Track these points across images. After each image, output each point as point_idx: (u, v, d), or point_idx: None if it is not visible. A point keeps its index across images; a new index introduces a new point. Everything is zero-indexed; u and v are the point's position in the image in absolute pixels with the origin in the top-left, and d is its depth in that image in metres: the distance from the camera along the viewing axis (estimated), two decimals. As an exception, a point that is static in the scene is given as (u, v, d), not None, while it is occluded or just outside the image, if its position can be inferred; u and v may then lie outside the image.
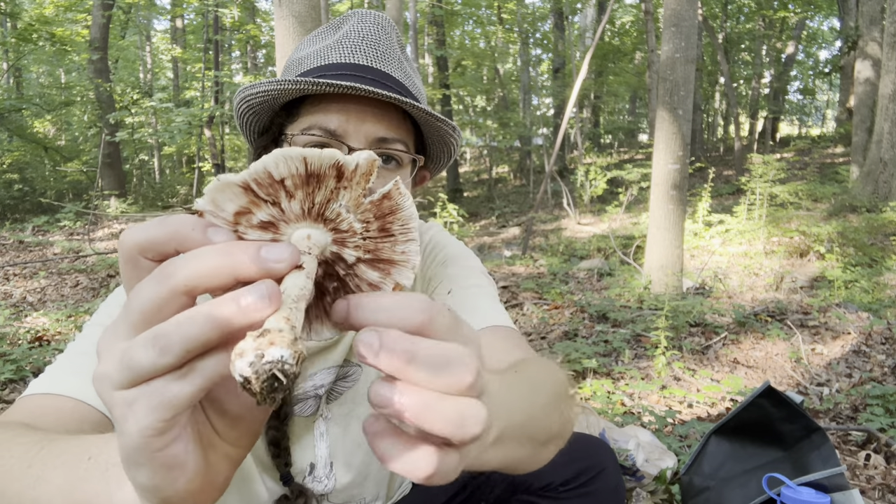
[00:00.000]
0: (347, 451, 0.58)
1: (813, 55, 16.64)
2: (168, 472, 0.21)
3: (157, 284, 0.21)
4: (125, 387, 0.20)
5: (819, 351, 2.23)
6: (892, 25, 5.59)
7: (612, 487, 0.62)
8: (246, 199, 0.22)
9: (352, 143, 0.46)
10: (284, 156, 0.21)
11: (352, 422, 0.59)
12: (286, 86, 0.43)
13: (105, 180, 8.08)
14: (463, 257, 0.60)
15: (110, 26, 8.64)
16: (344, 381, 0.58)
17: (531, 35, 12.50)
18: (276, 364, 0.19)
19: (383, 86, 0.46)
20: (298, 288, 0.22)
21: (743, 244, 4.94)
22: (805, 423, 1.08)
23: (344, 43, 0.47)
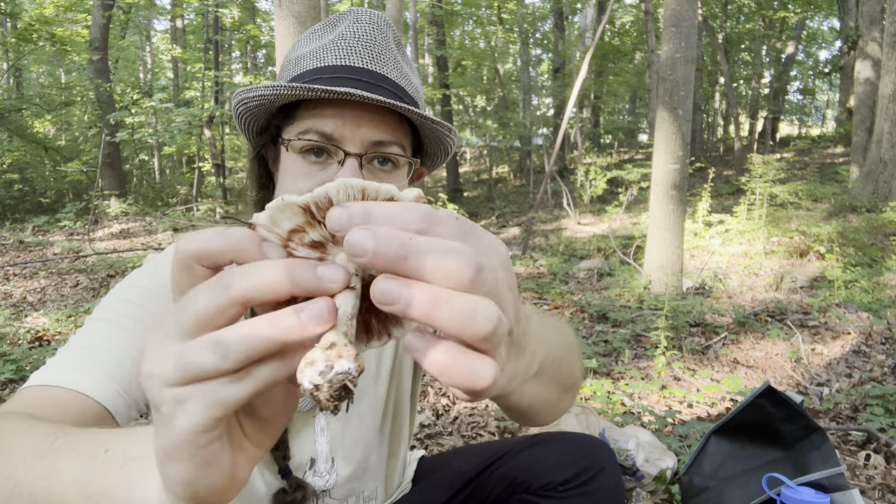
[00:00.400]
0: (347, 445, 0.58)
1: (813, 55, 16.64)
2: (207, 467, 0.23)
3: (215, 294, 0.22)
4: (178, 384, 0.22)
5: (819, 351, 2.23)
6: (892, 25, 5.59)
7: (612, 487, 0.62)
8: (303, 219, 0.24)
9: (347, 148, 0.46)
10: (346, 185, 0.23)
11: (352, 417, 0.59)
12: (282, 91, 0.44)
13: (105, 180, 8.08)
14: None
15: (110, 26, 8.64)
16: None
17: (531, 35, 12.50)
18: (346, 375, 0.21)
19: (379, 88, 0.46)
20: (351, 306, 0.23)
21: (743, 244, 4.94)
22: (805, 423, 1.08)
23: (339, 44, 0.47)
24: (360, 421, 0.59)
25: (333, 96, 0.43)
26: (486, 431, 1.52)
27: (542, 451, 0.64)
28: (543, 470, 0.62)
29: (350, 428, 0.59)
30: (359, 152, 0.46)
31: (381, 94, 0.46)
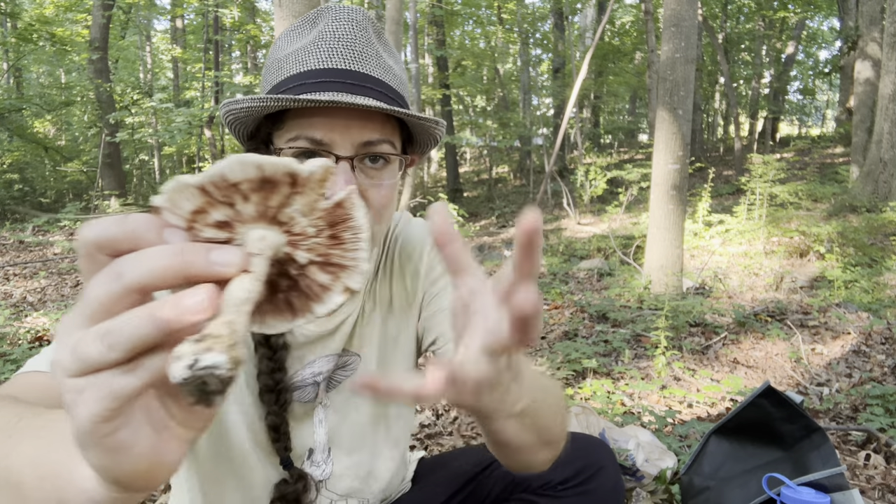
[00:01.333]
0: (345, 438, 0.59)
1: (813, 55, 16.64)
2: (115, 454, 0.23)
3: (109, 282, 0.22)
4: (76, 375, 0.22)
5: (819, 351, 2.23)
6: (892, 25, 5.59)
7: (611, 486, 0.62)
8: (202, 200, 0.23)
9: (338, 152, 0.47)
10: (240, 161, 0.22)
11: (350, 410, 0.59)
12: (268, 103, 0.44)
13: (105, 180, 8.08)
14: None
15: (110, 26, 8.63)
16: (343, 370, 0.59)
17: (531, 35, 12.50)
18: (211, 369, 0.20)
19: (363, 89, 0.46)
20: (245, 291, 0.23)
21: (743, 244, 4.94)
22: (805, 423, 1.08)
23: (320, 45, 0.47)
24: (358, 413, 0.60)
25: (320, 104, 0.44)
26: (486, 431, 1.52)
27: None
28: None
29: (348, 420, 0.59)
30: (350, 155, 0.47)
31: (365, 95, 0.46)
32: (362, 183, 0.48)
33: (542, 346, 2.26)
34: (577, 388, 1.78)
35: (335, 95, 0.44)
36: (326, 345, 0.57)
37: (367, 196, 0.48)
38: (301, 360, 0.56)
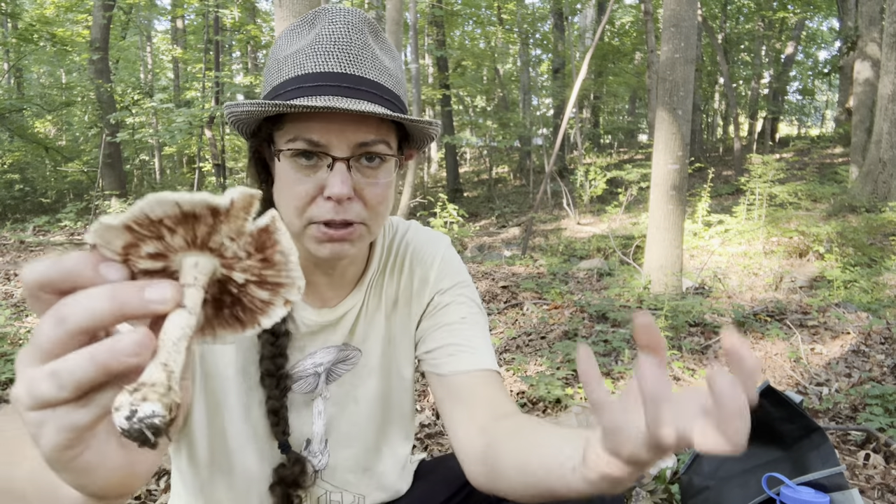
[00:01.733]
0: (342, 431, 0.60)
1: (812, 55, 16.65)
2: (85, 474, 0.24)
3: (54, 326, 0.23)
4: (34, 409, 0.23)
5: (818, 351, 2.23)
6: (891, 26, 5.60)
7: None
8: (131, 237, 0.24)
9: (334, 153, 0.48)
10: (158, 200, 0.23)
11: (349, 403, 0.60)
12: (266, 108, 0.46)
13: (106, 180, 8.08)
14: (470, 285, 0.65)
15: (111, 27, 8.64)
16: (344, 363, 0.60)
17: (531, 35, 12.50)
18: (148, 418, 0.22)
19: (358, 92, 0.48)
20: (180, 328, 0.24)
21: (742, 244, 4.94)
22: (804, 423, 1.08)
23: (317, 49, 0.48)
24: (357, 407, 0.61)
25: (316, 110, 0.46)
26: (486, 431, 1.52)
27: None
28: None
29: (346, 413, 0.60)
30: (346, 156, 0.48)
31: (360, 98, 0.48)
32: (358, 182, 0.49)
33: (542, 345, 2.27)
34: (577, 388, 1.78)
35: (330, 100, 0.46)
36: (328, 337, 0.59)
37: (363, 194, 0.50)
38: (303, 350, 0.58)
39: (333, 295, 0.59)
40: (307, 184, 0.49)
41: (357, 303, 0.60)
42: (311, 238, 0.51)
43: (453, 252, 0.65)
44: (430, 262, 0.62)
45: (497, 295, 3.20)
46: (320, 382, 0.59)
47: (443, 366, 0.58)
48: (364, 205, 0.50)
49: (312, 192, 0.49)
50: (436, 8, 10.04)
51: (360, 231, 0.51)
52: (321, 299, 0.58)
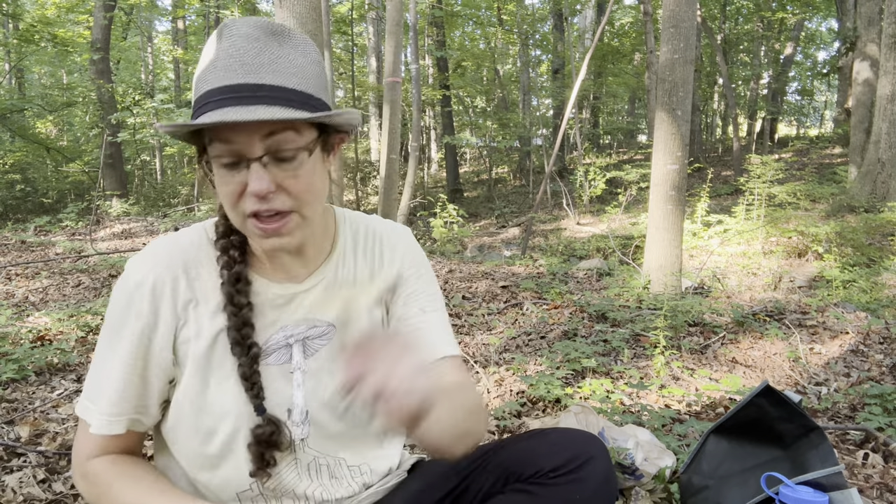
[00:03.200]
0: (322, 402, 0.63)
1: (811, 56, 16.66)
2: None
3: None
4: None
5: (817, 350, 2.24)
6: (890, 27, 5.61)
7: (602, 474, 0.63)
8: None
9: (249, 155, 0.53)
10: None
11: (324, 376, 0.64)
12: (176, 129, 0.53)
13: (107, 181, 8.09)
14: (432, 275, 0.72)
15: (112, 27, 8.65)
16: (320, 339, 0.64)
17: (531, 36, 12.52)
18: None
19: (257, 98, 0.52)
20: None
21: (741, 244, 4.95)
22: (803, 423, 1.09)
23: (218, 65, 0.53)
24: (332, 379, 0.64)
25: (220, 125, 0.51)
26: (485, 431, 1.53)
27: (534, 443, 0.67)
28: (535, 458, 0.65)
29: (323, 385, 0.64)
30: (259, 155, 0.53)
31: (260, 103, 0.51)
32: (277, 176, 0.53)
33: (542, 345, 2.27)
34: (577, 388, 1.79)
35: (224, 114, 0.51)
36: (296, 309, 0.63)
37: (284, 185, 0.54)
38: (274, 324, 0.62)
39: (301, 272, 0.64)
40: (232, 184, 0.54)
41: (324, 278, 0.64)
42: (251, 233, 0.56)
43: (415, 241, 0.72)
44: (398, 244, 0.69)
45: (497, 295, 3.20)
46: (295, 354, 0.63)
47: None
48: (288, 194, 0.54)
49: (239, 189, 0.54)
50: (436, 9, 10.04)
51: (294, 219, 0.55)
52: (288, 275, 0.63)
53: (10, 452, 1.28)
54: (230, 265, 0.59)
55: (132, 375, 0.59)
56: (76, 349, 2.12)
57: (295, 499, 0.64)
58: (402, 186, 6.99)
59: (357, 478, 0.67)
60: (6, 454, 1.27)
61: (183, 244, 0.62)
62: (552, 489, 0.62)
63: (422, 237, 6.49)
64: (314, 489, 0.64)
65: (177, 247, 0.61)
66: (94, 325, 2.39)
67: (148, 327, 0.58)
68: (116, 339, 0.59)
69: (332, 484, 0.65)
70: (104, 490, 0.58)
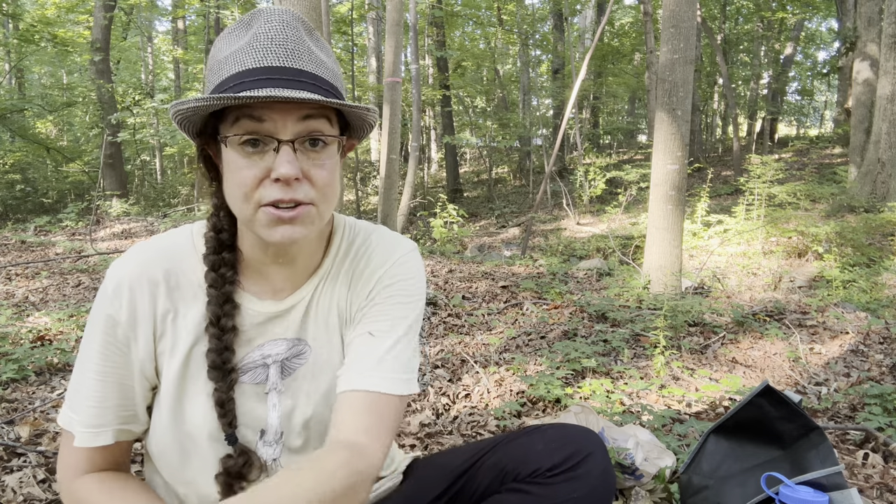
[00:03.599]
0: (297, 424, 0.61)
1: (811, 56, 16.66)
2: None
3: None
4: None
5: (817, 350, 2.24)
6: (890, 27, 5.61)
7: (600, 471, 0.62)
8: None
9: (280, 136, 0.51)
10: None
11: (301, 397, 0.61)
12: (212, 101, 0.49)
13: (107, 181, 8.09)
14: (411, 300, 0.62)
15: (112, 27, 8.65)
16: (298, 358, 0.61)
17: (531, 36, 12.51)
18: None
19: (298, 83, 0.51)
20: None
21: (741, 244, 4.95)
22: (803, 423, 1.09)
23: (255, 46, 0.52)
24: (309, 400, 0.62)
25: (259, 100, 0.49)
26: (486, 430, 1.53)
27: (531, 440, 0.66)
28: (532, 457, 0.64)
29: (300, 406, 0.61)
30: (290, 138, 0.51)
31: (299, 88, 0.51)
32: (304, 164, 0.52)
33: (542, 345, 2.27)
34: (577, 388, 1.79)
35: (272, 91, 0.49)
36: (275, 329, 0.60)
37: (309, 175, 0.52)
38: (251, 342, 0.60)
39: (284, 286, 0.61)
40: (254, 168, 0.51)
41: (307, 296, 0.61)
42: (262, 223, 0.52)
43: (414, 257, 0.64)
44: (383, 262, 0.62)
45: (497, 295, 3.20)
46: (271, 375, 0.60)
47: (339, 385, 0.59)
48: (311, 185, 0.52)
49: (260, 174, 0.51)
50: (436, 9, 10.04)
51: (310, 212, 0.53)
52: (272, 290, 0.60)
53: (10, 452, 1.28)
54: (219, 284, 0.56)
55: (113, 387, 0.57)
56: (76, 349, 2.12)
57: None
58: (402, 186, 6.98)
59: None
60: (6, 454, 1.27)
61: (166, 250, 0.59)
62: (550, 488, 0.61)
63: (422, 237, 6.49)
64: None
65: (159, 252, 0.59)
66: (94, 325, 2.39)
67: (124, 335, 0.56)
68: (94, 346, 0.57)
69: None
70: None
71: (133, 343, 0.57)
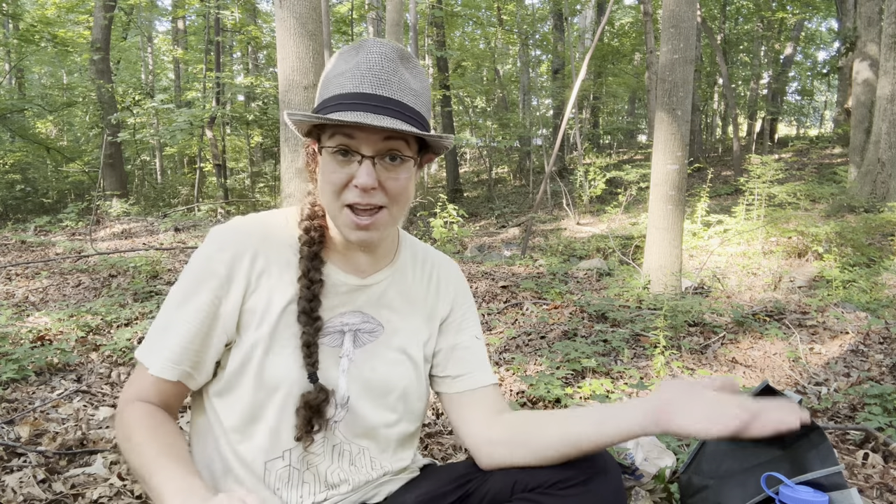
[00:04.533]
0: (359, 393, 0.69)
1: (811, 56, 16.67)
2: None
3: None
4: None
5: (817, 350, 2.24)
6: (889, 27, 5.61)
7: (613, 489, 0.64)
8: None
9: (364, 152, 0.62)
10: None
11: (366, 371, 0.69)
12: (314, 119, 0.62)
13: (107, 181, 8.09)
14: (474, 303, 0.80)
15: (112, 27, 8.65)
16: (369, 334, 0.70)
17: (531, 36, 12.52)
18: None
19: (385, 110, 0.61)
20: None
21: (741, 244, 4.95)
22: (803, 422, 1.09)
23: (355, 73, 0.62)
24: (374, 374, 0.70)
25: (349, 124, 0.60)
26: (486, 430, 1.53)
27: None
28: (542, 469, 0.65)
29: (364, 377, 0.69)
30: (371, 154, 0.61)
31: (385, 114, 0.61)
32: (381, 175, 0.62)
33: (542, 345, 2.27)
34: (577, 388, 1.79)
35: (359, 116, 0.59)
36: (355, 301, 0.70)
37: (385, 185, 0.62)
38: (334, 309, 0.68)
39: (366, 268, 0.71)
40: (341, 174, 0.62)
41: (385, 279, 0.72)
42: (344, 224, 0.63)
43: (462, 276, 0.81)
44: (451, 276, 0.78)
45: (497, 295, 3.20)
46: (346, 342, 0.69)
47: (458, 383, 0.74)
48: (386, 193, 0.62)
49: (346, 179, 0.62)
50: (436, 9, 10.04)
51: (384, 216, 0.63)
52: (355, 269, 0.70)
53: (10, 452, 1.28)
54: (310, 243, 0.66)
55: (199, 332, 0.64)
56: (76, 349, 2.12)
57: (316, 476, 0.67)
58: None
59: (375, 469, 0.70)
60: (6, 454, 1.27)
61: (266, 223, 0.68)
62: (563, 500, 0.62)
63: (422, 237, 6.50)
64: (334, 470, 0.68)
65: (259, 225, 0.68)
66: (94, 324, 2.39)
67: (222, 290, 0.64)
68: (190, 296, 0.64)
69: (351, 470, 0.69)
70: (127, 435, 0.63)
71: (225, 299, 0.64)
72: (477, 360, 0.74)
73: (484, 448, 0.69)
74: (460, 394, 0.73)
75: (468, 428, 0.71)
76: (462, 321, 0.76)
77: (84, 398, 1.69)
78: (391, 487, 0.72)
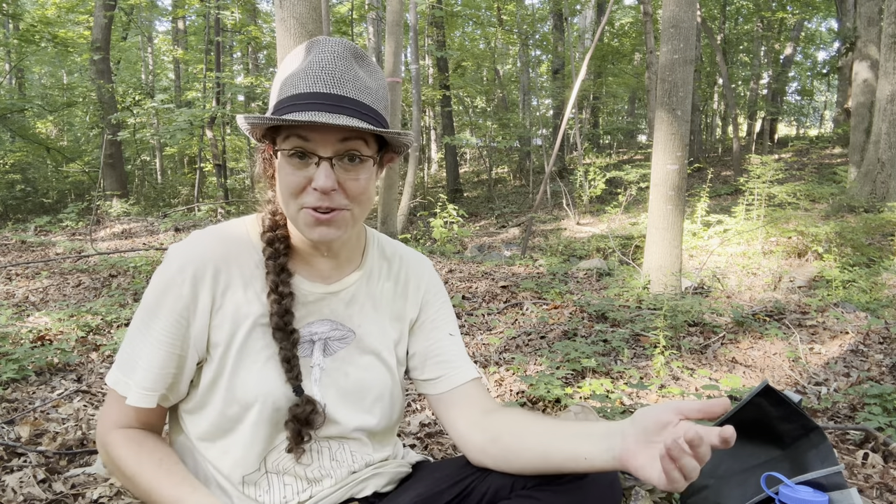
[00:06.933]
0: (335, 400, 0.69)
1: (811, 56, 16.68)
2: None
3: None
4: None
5: (817, 350, 2.24)
6: (889, 27, 5.61)
7: (608, 482, 0.64)
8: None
9: (321, 154, 0.60)
10: None
11: (339, 378, 0.69)
12: (267, 122, 0.60)
13: (107, 181, 8.09)
14: (449, 299, 0.78)
15: (112, 27, 8.65)
16: (339, 341, 0.69)
17: (531, 36, 12.52)
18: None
19: (340, 108, 0.59)
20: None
21: (741, 244, 4.95)
22: (803, 422, 1.09)
23: (308, 73, 0.61)
24: (347, 380, 0.69)
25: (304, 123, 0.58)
26: (486, 430, 1.53)
27: None
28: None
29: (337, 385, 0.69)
30: (329, 156, 0.60)
31: (341, 113, 0.59)
32: (340, 176, 0.60)
33: (542, 345, 2.28)
34: (577, 388, 1.79)
35: (314, 115, 0.58)
36: (323, 309, 0.69)
37: (345, 186, 0.61)
38: (302, 319, 0.67)
39: (331, 275, 0.70)
40: (298, 176, 0.60)
41: (352, 285, 0.70)
42: (304, 222, 0.61)
43: (435, 273, 0.79)
44: (421, 275, 0.76)
45: (497, 295, 3.21)
46: (315, 351, 0.68)
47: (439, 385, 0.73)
48: (346, 195, 0.61)
49: (303, 182, 0.60)
50: (436, 9, 10.04)
51: (344, 216, 0.62)
52: (321, 276, 0.69)
53: (10, 452, 1.28)
54: (276, 256, 0.65)
55: (170, 356, 0.63)
56: (76, 349, 2.12)
57: (296, 476, 0.67)
58: (402, 186, 6.99)
59: (356, 461, 0.71)
60: (6, 454, 1.27)
61: (225, 236, 0.67)
62: (560, 496, 0.63)
63: (422, 237, 6.49)
64: (314, 468, 0.68)
65: (218, 239, 0.66)
66: (94, 324, 2.39)
67: (187, 309, 0.63)
68: (155, 318, 0.63)
69: (333, 465, 0.69)
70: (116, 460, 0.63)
71: (192, 319, 0.63)
72: (454, 359, 0.73)
73: (470, 451, 0.69)
74: (442, 395, 0.72)
75: (455, 429, 0.71)
76: (434, 320, 0.75)
77: (84, 398, 1.69)
78: (378, 482, 0.71)
